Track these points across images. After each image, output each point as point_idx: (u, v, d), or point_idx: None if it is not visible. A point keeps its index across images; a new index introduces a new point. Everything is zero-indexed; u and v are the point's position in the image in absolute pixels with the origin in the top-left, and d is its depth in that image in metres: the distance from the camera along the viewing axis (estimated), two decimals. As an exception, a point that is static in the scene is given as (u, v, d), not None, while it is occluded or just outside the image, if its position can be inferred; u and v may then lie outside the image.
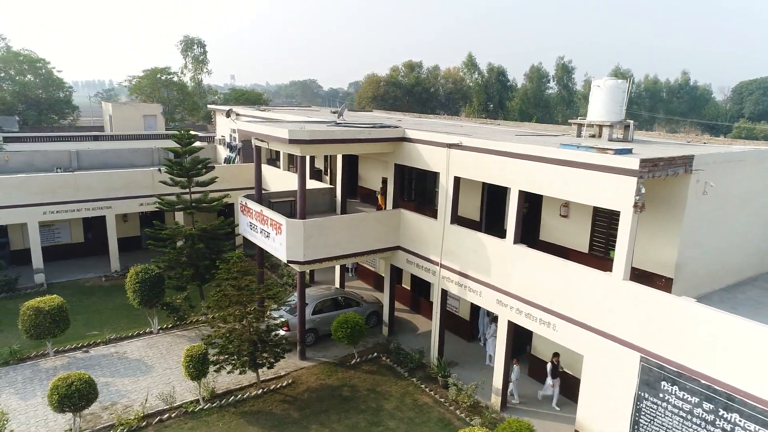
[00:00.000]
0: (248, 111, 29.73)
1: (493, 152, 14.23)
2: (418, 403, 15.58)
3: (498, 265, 14.64)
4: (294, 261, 16.46)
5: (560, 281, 13.00)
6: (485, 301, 15.22)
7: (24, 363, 17.14)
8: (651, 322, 11.18)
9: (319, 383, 16.47)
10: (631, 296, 11.53)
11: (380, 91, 69.19)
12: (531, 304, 13.78)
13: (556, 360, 15.25)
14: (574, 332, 12.74)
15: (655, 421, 11.34)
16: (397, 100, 69.22)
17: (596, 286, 12.20)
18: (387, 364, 17.66)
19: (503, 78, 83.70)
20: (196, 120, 54.89)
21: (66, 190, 22.99)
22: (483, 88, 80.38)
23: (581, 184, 12.18)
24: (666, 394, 11.09)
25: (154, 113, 45.94)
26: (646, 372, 11.40)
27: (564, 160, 12.47)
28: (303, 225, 16.08)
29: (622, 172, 11.29)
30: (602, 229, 14.54)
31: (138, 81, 54.08)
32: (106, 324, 19.76)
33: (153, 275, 18.43)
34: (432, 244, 16.78)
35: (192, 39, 60.77)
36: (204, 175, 19.79)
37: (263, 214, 17.50)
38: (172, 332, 19.48)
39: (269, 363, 15.30)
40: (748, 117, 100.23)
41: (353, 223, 17.26)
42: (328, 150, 16.92)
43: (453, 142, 15.51)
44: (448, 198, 16.00)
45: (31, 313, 16.44)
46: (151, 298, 18.49)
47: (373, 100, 69.26)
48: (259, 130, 17.20)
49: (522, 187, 13.68)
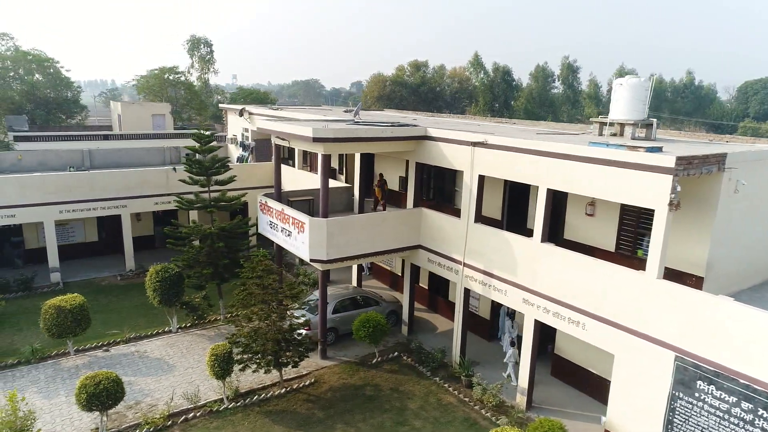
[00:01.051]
0: (261, 110, 29.67)
1: (522, 150, 14.15)
2: (442, 403, 15.51)
3: (524, 263, 14.56)
4: (317, 260, 16.40)
5: (591, 280, 12.92)
6: (510, 300, 15.15)
7: (45, 362, 17.08)
8: (687, 320, 11.10)
9: (341, 382, 16.41)
10: (666, 295, 11.45)
11: (386, 91, 69.13)
12: (559, 302, 13.70)
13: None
14: (605, 331, 12.66)
15: (690, 421, 11.26)
16: (403, 100, 69.15)
17: (629, 284, 12.11)
18: (409, 363, 17.59)
19: (509, 78, 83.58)
20: (203, 119, 54.85)
21: (82, 189, 22.94)
22: (489, 88, 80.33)
23: (615, 182, 12.10)
24: (702, 394, 11.01)
25: (163, 113, 45.92)
26: (681, 371, 11.32)
27: (597, 158, 12.39)
28: (326, 223, 16.01)
29: (657, 170, 11.21)
30: (630, 228, 14.45)
31: (146, 80, 54.07)
32: (124, 323, 19.70)
33: (173, 274, 18.38)
34: (455, 243, 16.70)
35: (199, 39, 60.76)
36: (222, 174, 19.71)
37: (285, 213, 17.44)
38: (191, 331, 19.42)
39: (293, 362, 15.23)
40: (753, 116, 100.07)
41: (375, 222, 17.19)
42: (350, 149, 16.86)
43: (478, 140, 15.44)
44: (472, 197, 15.92)
45: (53, 312, 16.39)
46: (171, 297, 18.44)
47: (379, 100, 69.19)
48: (281, 129, 17.13)
49: (552, 185, 13.60)
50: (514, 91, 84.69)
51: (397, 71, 75.34)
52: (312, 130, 15.39)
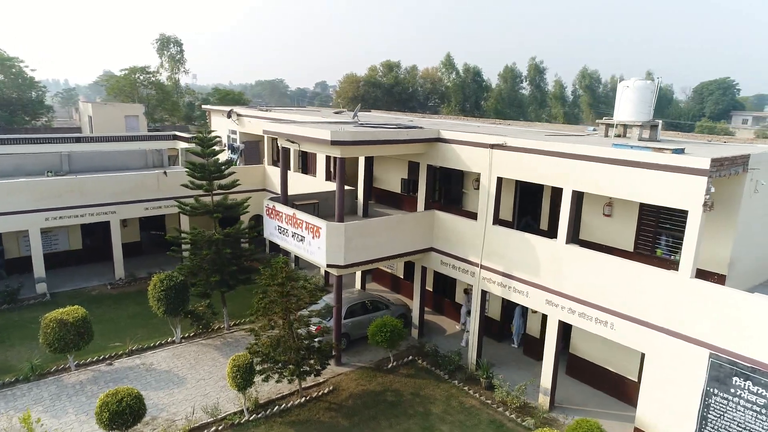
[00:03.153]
0: (249, 111, 29.03)
1: (546, 153, 14.22)
2: (465, 406, 15.47)
3: (548, 265, 14.66)
4: (334, 265, 16.11)
5: (620, 280, 13.09)
6: (532, 301, 15.23)
7: (46, 378, 16.19)
8: (721, 318, 11.37)
9: (360, 389, 16.16)
10: (699, 294, 11.71)
11: (360, 92, 68.84)
12: (585, 303, 13.85)
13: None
14: (635, 331, 12.86)
15: (726, 416, 11.55)
16: (377, 101, 69.01)
17: (661, 284, 12.33)
18: (424, 367, 17.49)
19: (479, 78, 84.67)
20: (176, 120, 53.35)
21: (72, 194, 21.90)
22: (460, 88, 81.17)
23: (646, 184, 12.27)
24: (738, 390, 11.29)
25: (136, 114, 44.41)
26: (715, 368, 11.59)
27: (628, 160, 12.55)
28: (344, 228, 15.74)
29: (692, 171, 11.43)
30: (649, 228, 14.74)
31: (116, 81, 52.11)
32: (122, 334, 18.89)
33: (178, 282, 17.73)
34: (471, 245, 16.69)
35: (168, 37, 59.07)
36: (227, 178, 19.14)
37: (297, 218, 17.06)
38: (195, 341, 18.78)
39: (316, 371, 14.91)
40: (709, 116, 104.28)
41: (390, 225, 17.01)
42: (367, 151, 16.63)
43: (497, 142, 15.46)
44: (490, 198, 15.93)
45: (55, 326, 15.57)
46: (177, 306, 17.78)
47: (353, 100, 68.81)
48: (293, 132, 16.75)
49: (577, 187, 13.73)
50: (484, 92, 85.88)
51: (370, 71, 75.19)
52: (330, 133, 15.10)
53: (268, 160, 27.46)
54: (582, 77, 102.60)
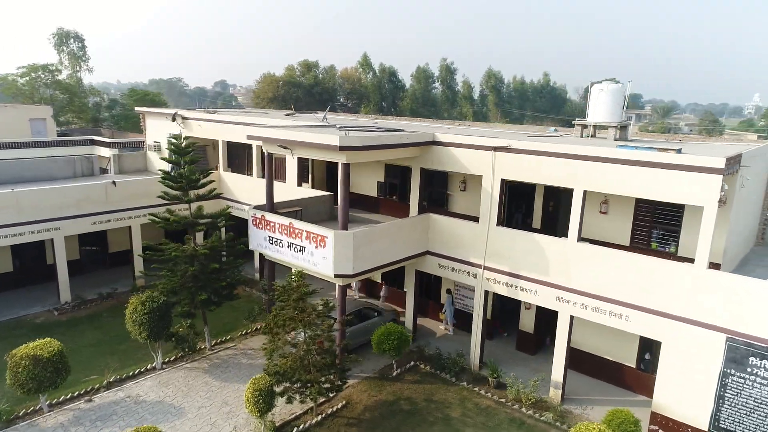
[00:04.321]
0: (197, 114, 27.18)
1: (555, 155, 14.65)
2: (480, 407, 15.59)
3: (557, 263, 15.13)
4: (342, 275, 15.52)
5: (634, 274, 13.82)
6: (541, 299, 15.66)
7: (16, 425, 14.09)
8: (737, 305, 12.38)
9: (373, 400, 15.74)
10: (715, 283, 12.66)
11: (280, 92, 67.05)
12: (599, 298, 14.47)
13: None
14: (651, 321, 13.64)
15: (743, 394, 12.59)
16: (298, 101, 67.51)
17: (677, 276, 13.17)
18: (428, 371, 17.39)
19: (394, 78, 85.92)
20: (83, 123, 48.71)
21: (6, 210, 19.22)
22: (377, 88, 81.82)
23: (660, 183, 13.02)
24: (755, 369, 12.36)
25: (43, 117, 39.92)
26: (732, 351, 12.60)
27: (640, 161, 13.25)
28: (353, 236, 15.21)
29: (708, 170, 12.31)
30: (645, 223, 15.70)
31: (13, 80, 46.37)
32: (91, 366, 16.92)
33: (161, 304, 16.19)
34: (472, 246, 16.82)
35: (67, 32, 53.77)
36: (204, 187, 17.74)
37: (294, 227, 16.22)
38: (179, 366, 17.27)
39: (337, 387, 14.29)
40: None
41: (393, 230, 16.71)
42: (370, 156, 16.14)
43: (500, 145, 15.69)
44: (493, 201, 16.14)
45: (28, 364, 13.59)
46: (161, 329, 16.23)
47: (273, 101, 66.94)
48: (293, 137, 15.87)
49: (588, 187, 14.29)
50: (400, 92, 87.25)
51: (288, 71, 73.51)
52: (339, 139, 14.51)
53: (222, 166, 25.90)
54: (488, 78, 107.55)
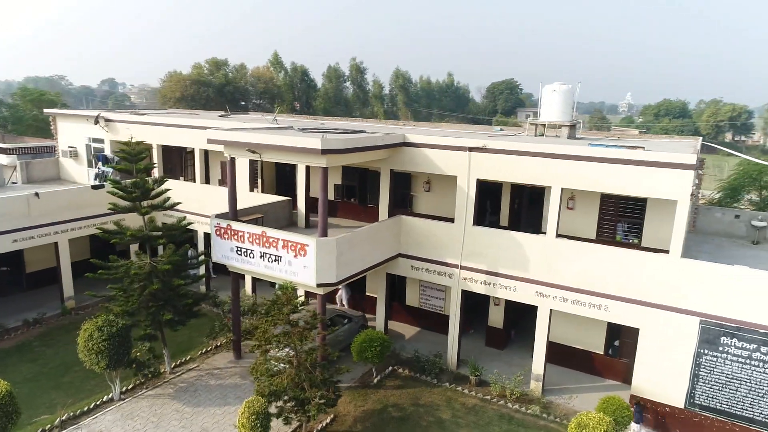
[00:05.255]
0: (123, 116, 24.89)
1: (533, 154, 15.01)
2: (467, 406, 15.67)
3: (537, 259, 15.55)
4: (325, 283, 14.89)
5: (612, 266, 14.54)
6: (521, 295, 16.02)
7: (-41, 483, 12.05)
8: (709, 289, 13.43)
9: (360, 411, 15.28)
10: (688, 270, 13.64)
11: (190, 91, 63.52)
12: (579, 291, 15.07)
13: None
14: (629, 310, 14.43)
15: (715, 371, 13.69)
16: (209, 101, 64.43)
17: (653, 266, 14.04)
18: (408, 375, 17.19)
19: (307, 78, 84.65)
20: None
21: None
22: (290, 88, 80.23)
23: (635, 179, 13.76)
24: (725, 347, 13.47)
25: None
26: (705, 332, 13.65)
27: (617, 158, 13.92)
28: (336, 242, 14.63)
29: (681, 167, 13.19)
30: (610, 217, 16.58)
31: None
32: (34, 403, 14.92)
33: (120, 327, 14.58)
34: (448, 247, 16.85)
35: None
36: (159, 197, 16.20)
37: (268, 236, 15.30)
38: (140, 394, 15.68)
39: (331, 402, 13.66)
40: (501, 112, 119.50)
41: (371, 234, 16.30)
42: (349, 159, 15.53)
43: (476, 145, 15.84)
44: (469, 200, 16.26)
45: (-27, 410, 11.67)
46: (121, 356, 14.62)
47: (181, 100, 63.30)
48: (267, 141, 14.91)
49: (566, 185, 14.81)
50: (313, 91, 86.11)
51: (195, 69, 69.92)
52: (321, 142, 13.87)
53: (157, 171, 23.91)
54: (396, 77, 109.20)
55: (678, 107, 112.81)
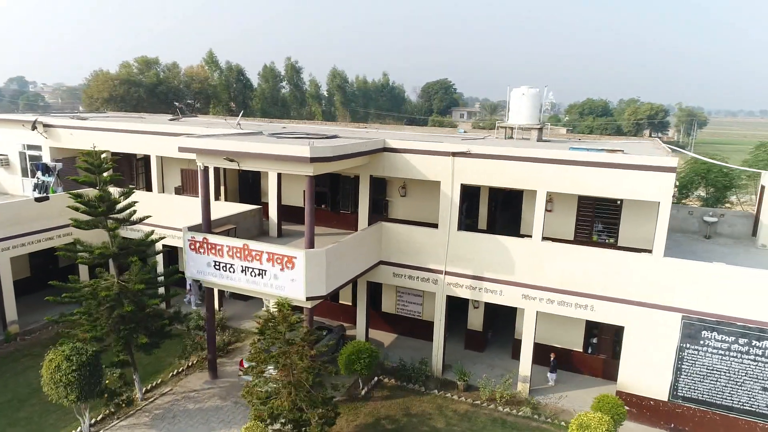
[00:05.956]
0: (64, 121, 22.89)
1: (518, 158, 15.12)
2: (459, 413, 15.58)
3: (523, 262, 15.69)
4: (314, 296, 14.29)
5: (597, 267, 14.90)
6: (507, 298, 16.12)
7: None
8: (690, 286, 14.05)
9: (353, 426, 14.82)
10: (671, 269, 14.19)
11: (119, 91, 59.92)
12: (564, 292, 15.35)
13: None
14: (614, 309, 14.86)
15: (696, 363, 14.34)
16: (140, 101, 61.11)
17: (637, 265, 14.51)
18: (395, 384, 16.88)
19: (242, 77, 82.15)
20: None
21: None
22: (225, 88, 77.59)
23: (619, 182, 14.15)
24: (706, 341, 14.14)
25: None
26: (687, 327, 14.26)
27: (602, 162, 14.26)
28: (325, 254, 14.08)
29: (663, 169, 13.69)
30: (587, 219, 16.99)
31: None
32: (-10, 445, 13.41)
33: (90, 355, 13.31)
34: (431, 253, 16.68)
35: None
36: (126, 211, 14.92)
37: (251, 249, 14.49)
38: (112, 425, 14.42)
39: (331, 420, 13.10)
40: (437, 112, 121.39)
41: (356, 243, 15.85)
42: (334, 167, 14.88)
43: (459, 150, 15.76)
44: (453, 206, 16.17)
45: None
46: (93, 387, 13.35)
47: (109, 101, 59.64)
48: (248, 149, 14.06)
49: (551, 188, 15.02)
50: (249, 91, 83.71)
51: (123, 68, 66.15)
52: (309, 150, 13.27)
53: (107, 181, 22.20)
54: (333, 77, 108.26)
55: (600, 106, 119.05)
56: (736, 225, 19.96)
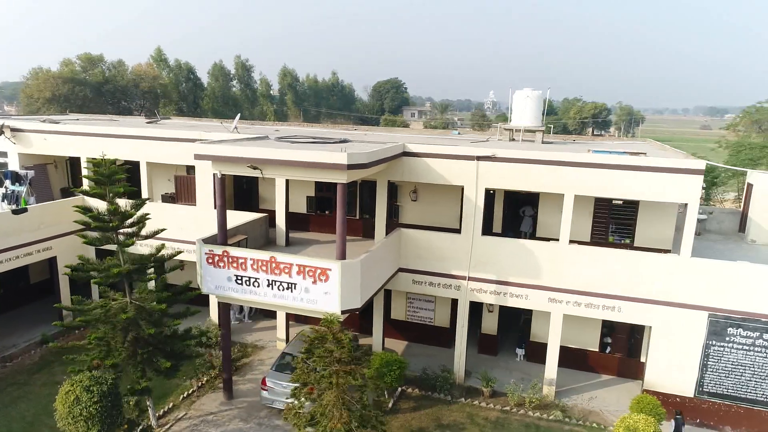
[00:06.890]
0: (34, 125, 21.00)
1: (545, 162, 15.03)
2: (491, 420, 15.38)
3: (548, 266, 15.65)
4: (349, 309, 13.67)
5: (623, 268, 15.05)
6: (533, 302, 16.06)
7: None
8: (717, 285, 14.42)
9: (388, 441, 14.29)
10: (698, 269, 14.52)
11: (62, 90, 56.12)
12: (591, 294, 15.43)
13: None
14: (641, 309, 15.07)
15: (722, 359, 14.76)
16: (87, 101, 57.54)
17: (664, 266, 14.76)
18: (419, 394, 16.47)
19: (192, 76, 79.15)
20: None
21: None
22: (175, 87, 74.47)
23: (647, 184, 14.31)
24: (731, 337, 14.57)
25: None
26: (713, 325, 14.65)
27: (631, 165, 14.38)
28: (360, 264, 13.48)
29: (692, 172, 13.97)
30: (602, 220, 17.17)
31: None
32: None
33: (110, 385, 12.17)
34: (454, 258, 16.37)
35: None
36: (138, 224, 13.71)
37: (279, 261, 13.69)
38: (130, 458, 13.26)
39: (378, 437, 12.52)
40: (389, 111, 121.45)
41: (384, 251, 15.31)
42: (366, 173, 14.22)
43: (485, 154, 15.54)
44: (478, 210, 15.93)
45: None
46: (115, 418, 12.21)
47: (52, 101, 55.81)
48: (279, 156, 13.19)
49: (579, 192, 15.02)
50: (200, 90, 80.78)
51: (65, 66, 62.15)
52: (347, 156, 12.63)
53: (87, 190, 20.53)
54: (284, 75, 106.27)
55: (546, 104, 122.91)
56: (724, 221, 20.85)
